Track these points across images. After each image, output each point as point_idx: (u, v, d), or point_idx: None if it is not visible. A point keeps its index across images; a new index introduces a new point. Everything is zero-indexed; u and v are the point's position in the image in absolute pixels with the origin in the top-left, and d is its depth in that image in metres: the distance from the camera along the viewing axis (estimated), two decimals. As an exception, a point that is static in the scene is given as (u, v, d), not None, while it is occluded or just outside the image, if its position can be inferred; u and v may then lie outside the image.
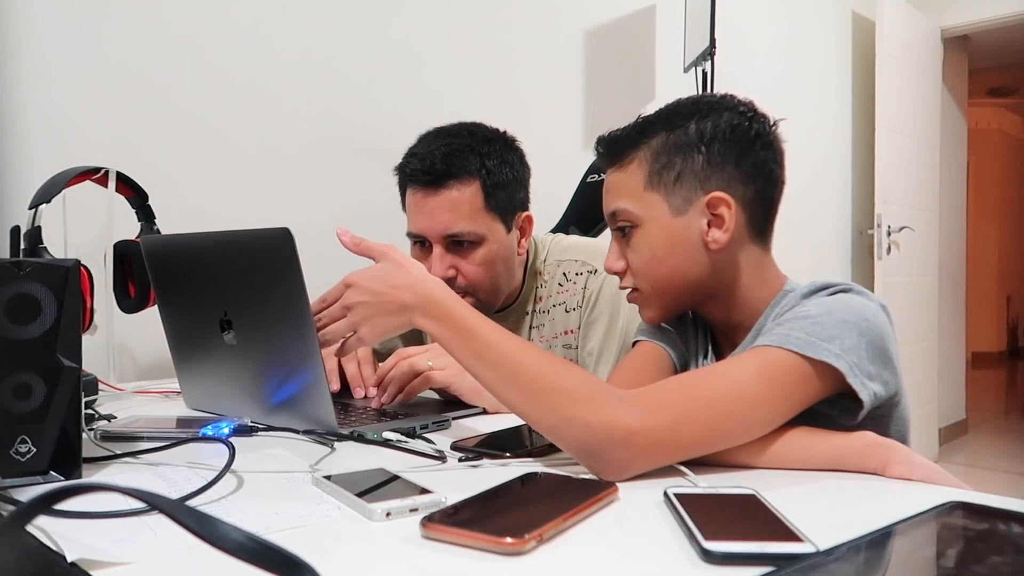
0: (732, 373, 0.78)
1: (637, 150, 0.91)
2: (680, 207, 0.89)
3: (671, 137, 0.89)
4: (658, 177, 0.89)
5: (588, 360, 1.27)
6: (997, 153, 7.62)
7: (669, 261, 0.91)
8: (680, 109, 0.91)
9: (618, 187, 0.93)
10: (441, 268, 1.22)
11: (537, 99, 2.48)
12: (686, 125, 0.89)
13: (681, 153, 0.89)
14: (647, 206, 0.90)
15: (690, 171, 0.88)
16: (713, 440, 0.74)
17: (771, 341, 0.78)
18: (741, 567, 0.52)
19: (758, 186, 0.90)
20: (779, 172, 0.92)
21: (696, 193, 0.88)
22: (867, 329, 0.79)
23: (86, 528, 0.60)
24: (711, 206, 0.88)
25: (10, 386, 0.72)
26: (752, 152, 0.89)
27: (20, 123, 1.49)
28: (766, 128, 0.91)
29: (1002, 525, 0.58)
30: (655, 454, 0.72)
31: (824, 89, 3.90)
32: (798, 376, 0.76)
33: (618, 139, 0.93)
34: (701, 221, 0.89)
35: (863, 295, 0.85)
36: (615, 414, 0.71)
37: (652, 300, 0.94)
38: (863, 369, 0.78)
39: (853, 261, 4.09)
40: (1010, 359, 8.12)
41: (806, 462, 0.76)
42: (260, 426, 0.98)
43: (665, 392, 0.77)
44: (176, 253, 1.13)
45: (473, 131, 1.26)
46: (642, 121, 0.93)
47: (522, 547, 0.55)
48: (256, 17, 1.82)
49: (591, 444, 0.72)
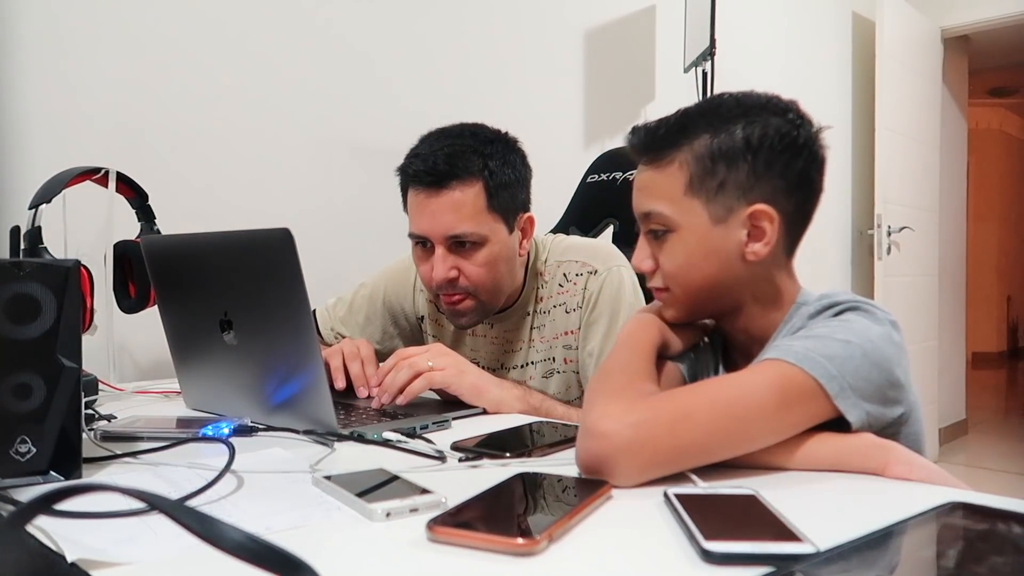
0: (735, 379, 0.78)
1: (678, 151, 0.86)
2: (721, 216, 0.85)
3: (715, 141, 0.85)
4: (700, 184, 0.85)
5: (588, 361, 1.27)
6: (997, 153, 7.62)
7: (704, 268, 0.88)
8: (724, 109, 0.87)
9: (655, 188, 0.89)
10: (443, 269, 1.22)
11: (537, 99, 2.48)
12: (731, 129, 0.85)
13: (725, 160, 0.84)
14: (685, 212, 0.86)
15: (734, 180, 0.84)
16: (713, 444, 0.74)
17: (776, 354, 0.78)
18: (741, 567, 0.52)
19: (800, 198, 0.87)
20: (820, 181, 0.89)
21: (739, 203, 0.85)
22: (871, 351, 0.78)
23: (86, 528, 0.60)
24: (753, 218, 0.85)
25: (10, 386, 0.72)
26: (798, 162, 0.85)
27: (20, 123, 1.49)
28: (812, 136, 0.87)
29: (1002, 525, 0.58)
30: (655, 456, 0.72)
31: (824, 89, 3.90)
32: (800, 388, 0.76)
33: (657, 135, 0.88)
34: (741, 232, 0.85)
35: (870, 315, 0.82)
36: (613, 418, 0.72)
37: (681, 302, 0.91)
38: (857, 390, 0.77)
39: (853, 261, 4.09)
40: (1010, 359, 8.12)
41: (806, 463, 0.76)
42: (260, 426, 0.98)
43: (666, 396, 0.77)
44: (176, 253, 1.13)
45: (475, 132, 1.26)
46: (682, 117, 0.88)
47: (534, 547, 0.55)
48: (256, 18, 1.82)
49: (594, 450, 0.72)
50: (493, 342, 1.38)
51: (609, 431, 0.71)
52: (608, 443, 0.71)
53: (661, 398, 0.77)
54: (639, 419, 0.72)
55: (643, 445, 0.71)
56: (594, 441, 0.72)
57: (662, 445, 0.72)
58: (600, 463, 0.71)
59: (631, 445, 0.71)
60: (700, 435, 0.73)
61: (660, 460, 0.72)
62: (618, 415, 0.73)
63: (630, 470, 0.70)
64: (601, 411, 0.74)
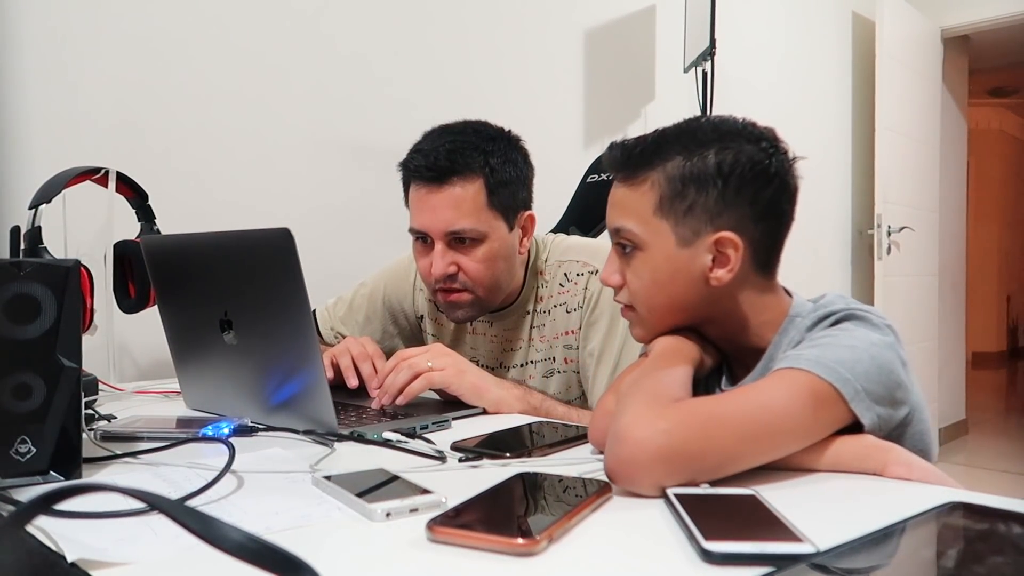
0: (758, 389, 0.78)
1: (651, 170, 0.88)
2: (687, 239, 0.87)
3: (688, 165, 0.86)
4: (669, 205, 0.87)
5: (589, 361, 1.28)
6: (997, 153, 7.62)
7: (668, 289, 0.89)
8: (699, 133, 0.88)
9: (626, 205, 0.91)
10: (442, 264, 1.23)
11: (537, 99, 2.48)
12: (705, 154, 0.86)
13: (695, 184, 0.86)
14: (653, 232, 0.88)
15: (702, 205, 0.86)
16: (743, 452, 0.73)
17: (788, 364, 0.78)
18: (741, 567, 0.52)
19: (768, 225, 0.88)
20: (791, 211, 0.90)
21: (705, 227, 0.86)
22: (876, 354, 0.79)
23: (86, 528, 0.60)
24: (718, 245, 0.86)
25: (10, 386, 0.72)
26: (768, 191, 0.87)
27: (20, 123, 1.49)
28: (784, 166, 0.88)
29: (1002, 525, 0.58)
30: (687, 463, 0.70)
31: (824, 89, 3.90)
32: (820, 394, 0.76)
33: (633, 153, 0.90)
34: (706, 257, 0.87)
35: (867, 321, 0.83)
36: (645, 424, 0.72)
37: (645, 321, 0.93)
38: (869, 393, 0.77)
39: (853, 261, 4.09)
40: (1010, 359, 8.12)
41: (805, 463, 0.76)
42: (260, 426, 0.98)
43: (695, 403, 0.78)
44: (176, 253, 1.13)
45: (478, 129, 1.26)
46: (658, 138, 0.90)
47: (534, 547, 0.55)
48: (256, 18, 1.82)
49: (624, 455, 0.71)
50: (493, 340, 1.38)
51: (641, 437, 0.70)
52: (640, 449, 0.70)
53: (690, 406, 0.77)
54: (670, 426, 0.71)
55: (675, 452, 0.70)
56: (625, 447, 0.71)
57: (694, 452, 0.71)
58: (631, 469, 0.70)
59: (663, 451, 0.70)
60: (730, 443, 0.73)
61: (691, 467, 0.70)
62: (649, 421, 0.72)
63: (661, 477, 0.69)
64: (632, 417, 0.73)
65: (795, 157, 0.89)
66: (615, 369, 1.23)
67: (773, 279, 0.92)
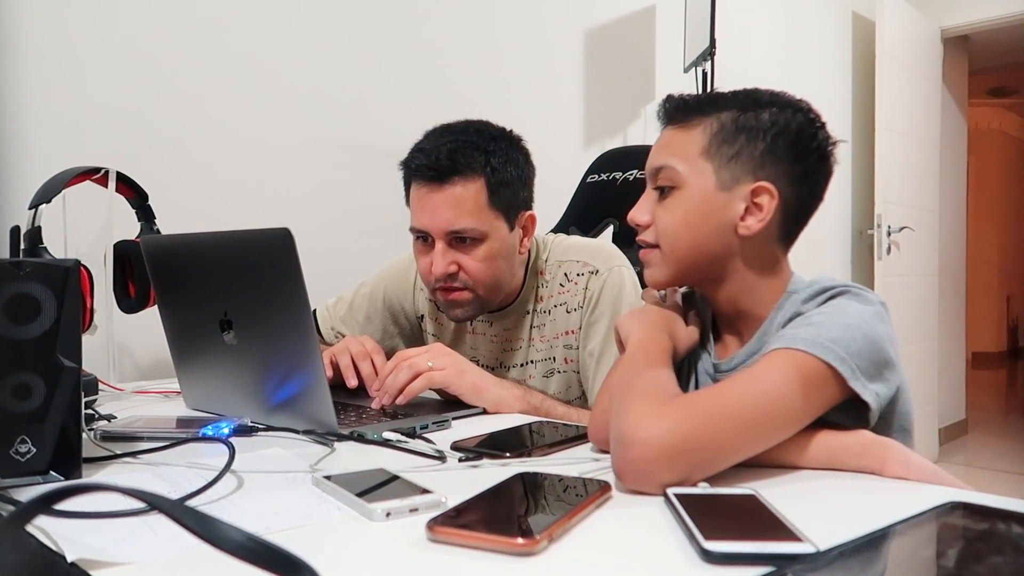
0: (753, 375, 0.78)
1: (705, 117, 0.91)
2: (727, 183, 0.89)
3: (742, 116, 0.90)
4: (717, 148, 0.90)
5: (589, 361, 1.28)
6: (997, 153, 7.62)
7: (698, 230, 0.91)
8: (758, 96, 0.92)
9: (673, 145, 0.93)
10: (443, 264, 1.23)
11: (537, 99, 2.48)
12: (759, 111, 0.90)
13: (746, 133, 0.89)
14: (696, 172, 0.90)
15: (748, 153, 0.89)
16: (746, 440, 0.74)
17: (783, 344, 0.79)
18: (741, 567, 0.52)
19: (802, 192, 0.91)
20: (823, 188, 0.93)
21: (746, 176, 0.89)
22: (868, 332, 0.80)
23: (86, 528, 0.60)
24: (755, 194, 0.89)
25: (10, 386, 0.72)
26: (809, 158, 0.90)
27: (20, 123, 1.49)
28: (828, 143, 0.92)
29: (1002, 525, 0.58)
30: (694, 459, 0.71)
31: (824, 89, 3.89)
32: (816, 374, 0.77)
33: (688, 102, 0.93)
34: (740, 205, 0.89)
35: (860, 297, 0.85)
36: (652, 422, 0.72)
37: (667, 262, 0.93)
38: (865, 371, 0.78)
39: (853, 261, 4.09)
40: (1010, 359, 8.12)
41: (802, 460, 0.76)
42: (260, 426, 0.98)
43: (693, 397, 0.78)
44: (176, 253, 1.13)
45: (479, 129, 1.26)
46: (715, 94, 0.94)
47: (534, 547, 0.55)
48: (256, 18, 1.82)
49: (632, 457, 0.71)
50: (493, 340, 1.38)
51: (647, 436, 0.70)
52: (647, 448, 0.70)
53: (689, 400, 0.77)
54: (674, 423, 0.71)
55: (681, 447, 0.70)
56: (632, 449, 0.71)
57: (699, 447, 0.71)
58: (640, 469, 0.70)
59: (669, 448, 0.70)
60: (733, 432, 0.73)
61: (699, 462, 0.71)
62: (653, 420, 0.72)
63: (670, 473, 0.69)
64: (635, 418, 0.73)
65: (836, 141, 0.93)
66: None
67: (786, 252, 0.95)
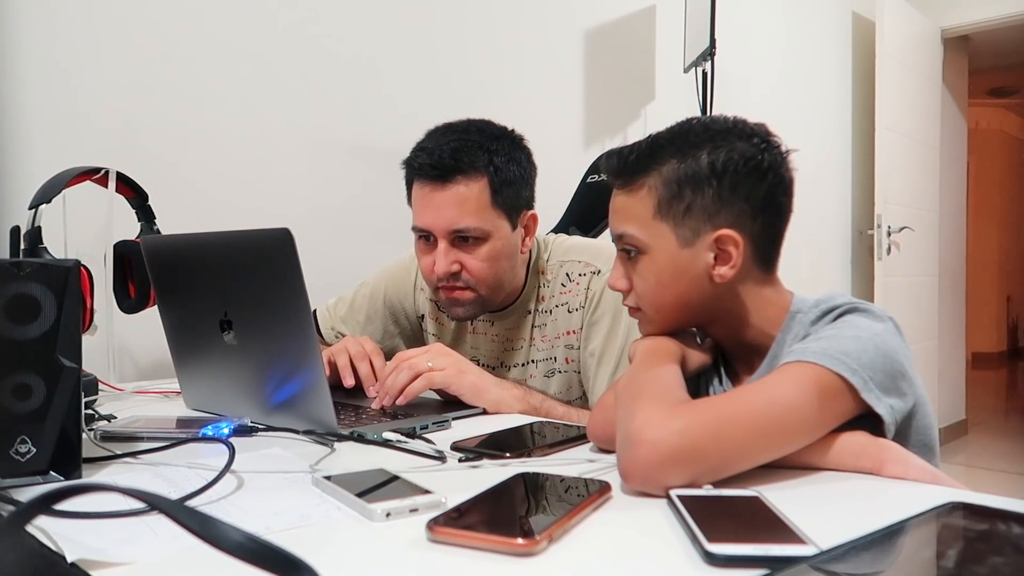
0: (766, 384, 0.78)
1: (647, 175, 0.90)
2: (688, 239, 0.88)
3: (682, 167, 0.88)
4: (667, 207, 0.88)
5: (590, 361, 1.27)
6: (997, 153, 7.62)
7: (673, 288, 0.91)
8: (691, 135, 0.90)
9: (626, 211, 0.92)
10: (445, 263, 1.23)
11: (537, 99, 2.48)
12: (697, 154, 0.88)
13: (691, 185, 0.87)
14: (655, 235, 0.90)
15: (700, 204, 0.87)
16: (756, 448, 0.73)
17: (794, 357, 0.79)
18: (744, 569, 0.52)
19: (767, 219, 0.89)
20: (788, 203, 0.91)
21: (704, 226, 0.88)
22: (880, 344, 0.79)
23: (86, 528, 0.60)
24: (720, 242, 0.88)
25: (10, 386, 0.72)
26: (763, 186, 0.88)
27: (20, 123, 1.49)
28: (778, 160, 0.89)
29: (1002, 525, 0.58)
30: (702, 462, 0.70)
31: (824, 89, 3.90)
32: (828, 386, 0.76)
33: (628, 160, 0.92)
34: (708, 255, 0.88)
35: (869, 314, 0.84)
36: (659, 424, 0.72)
37: (654, 321, 0.94)
38: (879, 384, 0.78)
39: (853, 261, 4.09)
40: (1010, 359, 8.11)
41: (800, 460, 0.76)
42: (260, 426, 0.98)
43: (705, 402, 0.78)
44: (176, 253, 1.13)
45: (482, 128, 1.26)
46: (652, 143, 0.91)
47: (534, 548, 0.55)
48: (256, 18, 1.82)
49: (640, 458, 0.71)
50: (494, 340, 1.38)
51: (655, 438, 0.70)
52: (655, 450, 0.69)
53: (700, 405, 0.77)
54: (683, 425, 0.71)
55: (689, 451, 0.70)
56: (640, 449, 0.70)
57: (708, 450, 0.71)
58: (647, 470, 0.70)
59: (677, 451, 0.69)
60: (743, 439, 0.72)
61: (707, 466, 0.70)
62: (662, 422, 0.71)
63: (676, 476, 0.69)
64: (643, 419, 0.72)
65: (788, 150, 0.90)
66: (616, 369, 1.23)
67: (774, 273, 0.93)
